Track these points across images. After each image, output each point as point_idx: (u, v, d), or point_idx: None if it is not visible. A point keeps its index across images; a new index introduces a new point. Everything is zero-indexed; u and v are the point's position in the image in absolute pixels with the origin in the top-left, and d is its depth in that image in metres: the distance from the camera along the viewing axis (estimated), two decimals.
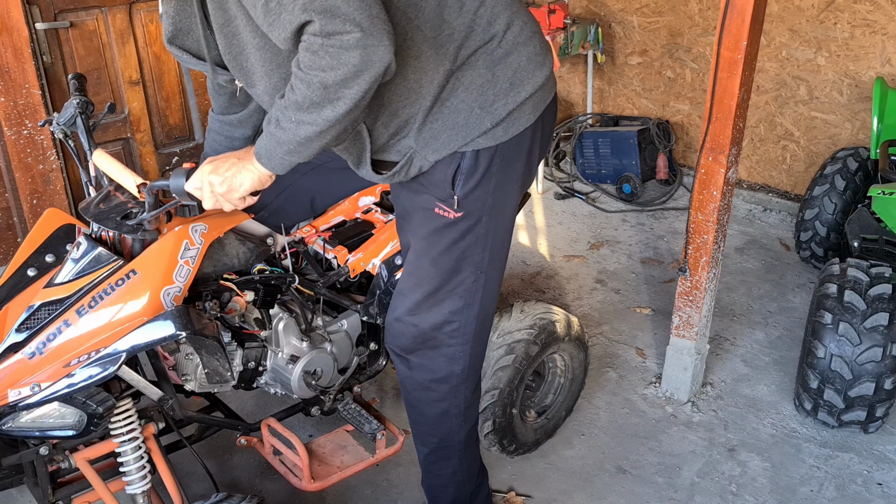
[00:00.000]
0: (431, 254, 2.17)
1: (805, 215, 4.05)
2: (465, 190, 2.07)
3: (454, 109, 1.98)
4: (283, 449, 2.60)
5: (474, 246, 2.16)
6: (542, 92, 2.10)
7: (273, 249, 2.53)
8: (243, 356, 2.43)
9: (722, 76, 2.74)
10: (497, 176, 2.08)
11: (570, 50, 4.86)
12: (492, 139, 2.03)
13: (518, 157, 2.11)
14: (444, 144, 2.01)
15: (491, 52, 1.97)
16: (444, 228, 2.13)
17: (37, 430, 2.02)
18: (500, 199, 2.13)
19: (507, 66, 2.00)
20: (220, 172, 1.91)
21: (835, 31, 4.37)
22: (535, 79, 2.05)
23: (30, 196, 3.71)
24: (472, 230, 2.13)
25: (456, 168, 2.05)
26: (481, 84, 1.97)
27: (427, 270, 2.19)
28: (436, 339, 2.23)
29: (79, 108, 2.33)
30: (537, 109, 2.09)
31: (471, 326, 2.24)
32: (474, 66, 1.96)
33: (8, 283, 2.19)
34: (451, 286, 2.18)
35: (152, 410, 2.32)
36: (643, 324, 3.79)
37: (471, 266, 2.18)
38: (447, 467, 2.46)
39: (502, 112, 2.01)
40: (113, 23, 3.79)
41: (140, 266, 2.08)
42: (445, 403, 2.33)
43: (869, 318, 2.89)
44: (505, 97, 2.00)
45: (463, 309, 2.21)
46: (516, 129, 2.05)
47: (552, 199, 5.02)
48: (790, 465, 2.99)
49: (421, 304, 2.21)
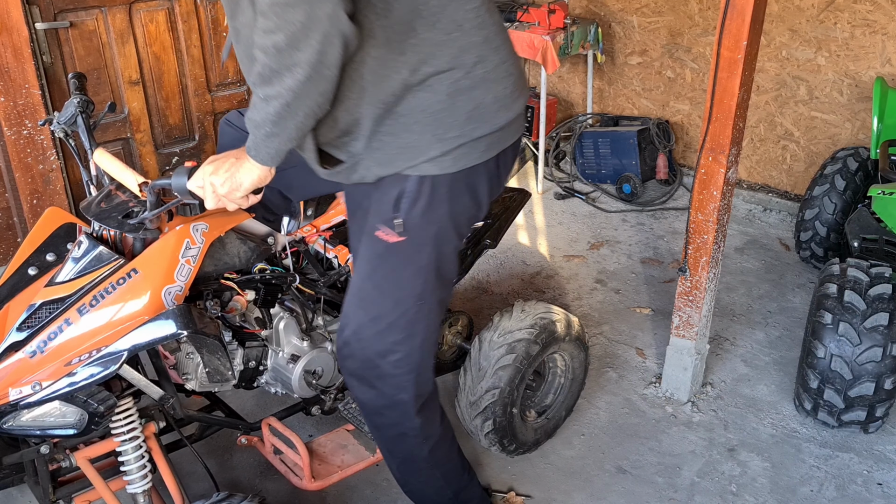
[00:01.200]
0: (375, 278, 2.15)
1: (805, 215, 4.05)
2: (409, 214, 2.04)
3: (407, 128, 1.94)
4: (283, 448, 2.60)
5: (416, 276, 2.12)
6: (502, 134, 2.06)
7: (274, 249, 2.53)
8: (244, 355, 2.44)
9: (722, 76, 2.74)
10: (442, 206, 2.05)
11: (570, 50, 4.86)
12: (438, 167, 1.99)
13: (464, 192, 2.07)
14: (391, 160, 1.99)
15: (455, 81, 1.92)
16: (385, 253, 2.11)
17: (38, 429, 2.02)
18: (444, 230, 2.10)
19: (470, 100, 1.95)
20: (221, 173, 1.91)
21: (835, 31, 4.37)
22: (497, 120, 2.02)
23: (30, 196, 3.71)
24: (414, 259, 2.10)
25: (400, 191, 2.03)
26: (439, 110, 1.93)
27: (370, 293, 2.16)
28: (380, 367, 2.19)
29: (79, 108, 2.33)
30: (493, 149, 2.05)
31: (415, 356, 2.20)
32: (435, 91, 1.91)
33: (9, 282, 2.19)
34: (392, 316, 2.15)
35: (153, 409, 2.32)
36: (643, 324, 3.79)
37: (412, 297, 2.14)
38: (420, 478, 2.44)
39: (453, 143, 1.97)
40: (113, 23, 3.79)
41: (141, 265, 2.08)
42: (399, 426, 2.30)
43: (869, 318, 2.89)
44: (460, 129, 1.96)
45: (405, 339, 2.17)
46: (466, 162, 2.01)
47: (552, 199, 5.02)
48: (790, 465, 2.99)
49: (364, 328, 2.17)
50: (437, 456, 2.40)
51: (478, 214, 2.20)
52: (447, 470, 2.45)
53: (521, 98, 2.10)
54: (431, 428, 2.35)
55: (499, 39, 2.00)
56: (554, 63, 4.67)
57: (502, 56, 2.01)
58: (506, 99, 2.03)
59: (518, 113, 2.09)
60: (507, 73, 2.02)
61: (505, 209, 2.99)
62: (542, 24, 4.78)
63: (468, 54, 1.92)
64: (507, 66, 2.02)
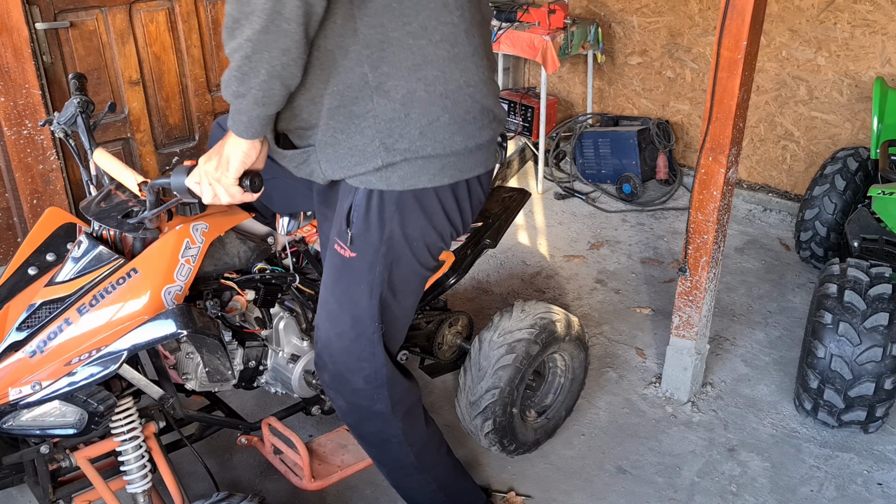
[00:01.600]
0: (335, 292, 2.14)
1: (805, 215, 4.05)
2: (357, 229, 2.03)
3: (359, 130, 1.91)
4: (283, 448, 2.60)
5: (369, 295, 2.09)
6: (459, 160, 2.00)
7: (274, 248, 2.53)
8: (244, 355, 2.44)
9: (722, 76, 2.74)
10: (391, 225, 2.01)
11: (570, 50, 4.86)
12: (384, 182, 1.96)
13: (416, 215, 2.02)
14: (339, 159, 1.96)
15: (412, 91, 1.88)
16: (342, 267, 2.10)
17: (37, 429, 2.02)
18: (397, 251, 2.06)
19: (424, 114, 1.90)
20: (212, 157, 1.90)
21: (835, 31, 4.37)
22: (452, 143, 1.95)
23: (30, 196, 3.71)
24: (366, 277, 2.08)
25: (350, 204, 2.02)
26: (392, 119, 1.89)
27: (333, 307, 2.15)
28: (351, 382, 2.19)
29: (79, 108, 2.33)
30: (447, 175, 1.99)
31: (381, 373, 2.19)
32: (391, 98, 1.88)
33: (9, 282, 2.19)
34: (353, 333, 2.14)
35: (153, 409, 2.32)
36: (643, 324, 3.79)
37: (368, 317, 2.12)
38: (412, 482, 2.43)
39: (400, 156, 1.92)
40: (113, 23, 3.79)
41: (141, 265, 2.08)
42: (382, 434, 2.29)
43: (869, 318, 2.89)
44: (409, 142, 1.91)
45: (368, 357, 2.16)
46: (415, 182, 1.96)
47: (552, 199, 5.02)
48: (790, 465, 2.99)
49: (332, 342, 2.17)
50: (425, 461, 2.39)
51: (439, 243, 2.14)
52: (438, 474, 2.45)
53: (487, 129, 2.02)
54: (415, 434, 2.34)
55: (470, 62, 1.94)
56: (554, 63, 4.67)
57: (469, 79, 1.94)
58: (465, 124, 1.96)
59: (480, 143, 2.01)
60: (471, 97, 1.96)
61: (505, 209, 2.99)
62: (542, 24, 4.78)
63: (430, 67, 1.88)
64: (473, 91, 1.96)
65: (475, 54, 1.96)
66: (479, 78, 1.97)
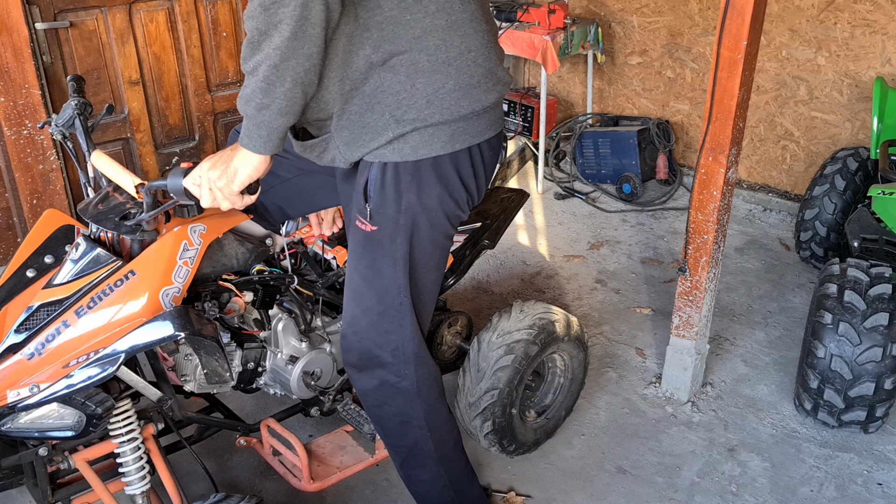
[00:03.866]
0: (360, 268, 2.17)
1: (805, 215, 4.04)
2: (375, 203, 2.06)
3: (370, 107, 1.96)
4: (282, 449, 2.60)
5: (392, 267, 2.13)
6: (468, 125, 2.04)
7: (272, 250, 2.53)
8: (242, 357, 2.43)
9: (722, 76, 2.74)
10: (407, 196, 2.05)
11: (570, 50, 4.86)
12: (397, 154, 2.00)
13: (432, 184, 2.06)
14: (355, 140, 2.00)
15: (415, 63, 1.93)
16: (364, 242, 2.13)
17: (36, 431, 2.01)
18: (415, 221, 2.09)
19: (429, 83, 1.95)
20: (218, 166, 1.92)
21: (835, 31, 4.37)
22: (459, 107, 2.00)
23: (30, 196, 3.71)
24: (387, 249, 2.11)
25: (366, 179, 2.05)
26: (398, 91, 1.94)
27: (358, 284, 2.18)
28: (378, 357, 2.22)
29: (77, 110, 2.33)
30: (458, 140, 2.04)
31: (409, 347, 2.21)
32: (396, 71, 1.93)
33: (7, 284, 2.19)
34: (381, 307, 2.17)
35: (151, 411, 2.32)
36: (643, 324, 3.79)
37: (394, 287, 2.15)
38: (424, 473, 2.44)
39: (410, 126, 1.97)
40: (113, 23, 3.78)
41: (139, 267, 2.08)
42: (403, 415, 2.31)
43: (869, 318, 2.89)
44: (418, 112, 1.96)
45: (396, 329, 2.19)
46: (427, 151, 2.01)
47: (552, 199, 5.02)
48: (790, 465, 2.99)
49: (358, 319, 2.20)
50: (442, 450, 2.41)
51: (457, 210, 2.17)
52: (451, 468, 2.46)
53: (492, 92, 2.07)
54: (436, 418, 2.36)
55: (468, 27, 1.99)
56: (554, 63, 4.67)
57: (469, 45, 2.00)
58: (471, 88, 2.01)
59: (486, 106, 2.06)
60: (473, 62, 2.01)
61: (503, 210, 2.99)
62: (542, 24, 4.78)
63: (430, 36, 1.93)
64: (475, 56, 2.01)
65: (472, 20, 2.00)
66: (479, 42, 2.02)
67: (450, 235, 2.22)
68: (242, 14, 4.11)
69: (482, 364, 2.71)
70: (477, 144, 2.09)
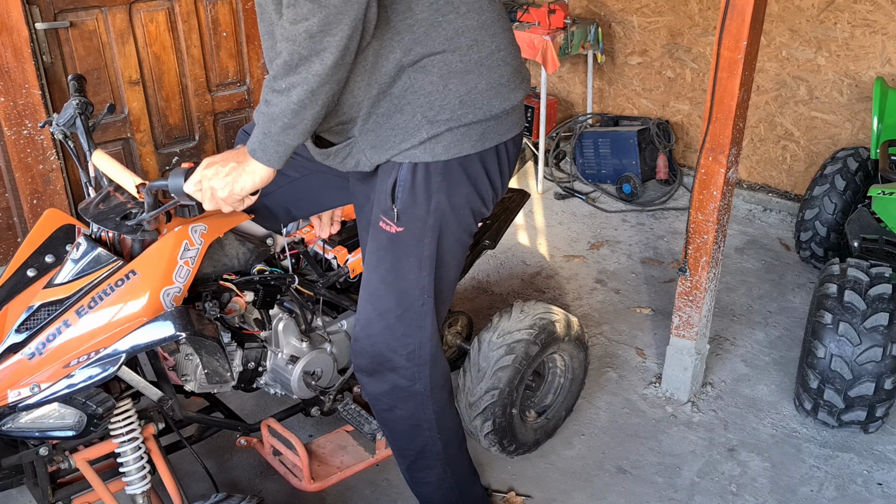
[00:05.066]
0: (380, 270, 2.15)
1: (805, 215, 4.05)
2: (403, 204, 2.05)
3: (399, 109, 1.95)
4: (282, 449, 2.60)
5: (418, 268, 2.12)
6: (498, 124, 2.05)
7: (273, 250, 2.53)
8: (243, 357, 2.43)
9: (722, 76, 2.74)
10: (437, 196, 2.05)
11: (570, 50, 4.86)
12: (429, 154, 1.99)
13: (462, 182, 2.06)
14: (383, 142, 2.00)
15: (448, 63, 1.93)
16: (388, 244, 2.11)
17: (36, 431, 2.01)
18: (444, 221, 2.09)
19: (462, 83, 1.96)
20: (221, 177, 1.91)
21: (835, 31, 4.37)
22: (490, 107, 2.01)
23: (30, 196, 3.71)
24: (414, 250, 2.10)
25: (395, 179, 2.04)
26: (430, 92, 1.94)
27: (377, 287, 2.17)
28: (392, 361, 2.21)
29: (78, 109, 2.33)
30: (488, 139, 2.04)
31: (426, 349, 2.21)
32: (428, 72, 1.93)
33: (8, 284, 2.19)
34: (400, 309, 2.16)
35: (152, 411, 2.32)
36: (643, 324, 3.79)
37: (417, 289, 2.14)
38: (431, 476, 2.43)
39: (443, 126, 1.97)
40: (113, 23, 3.79)
41: (140, 266, 2.08)
42: (414, 419, 2.30)
43: (869, 318, 2.89)
44: (451, 112, 1.96)
45: (414, 332, 2.18)
46: (458, 150, 2.01)
47: (552, 199, 5.02)
48: (790, 465, 2.99)
49: (374, 323, 2.19)
50: (449, 452, 2.41)
51: (482, 208, 2.18)
52: (457, 470, 2.46)
53: (519, 90, 2.09)
54: (445, 421, 2.36)
55: (497, 27, 2.01)
56: (554, 63, 4.67)
57: (499, 44, 2.01)
58: (501, 87, 2.02)
59: (515, 104, 2.08)
60: (503, 61, 2.02)
61: (504, 210, 2.99)
62: (542, 24, 4.78)
63: (463, 37, 1.94)
64: (504, 55, 2.02)
65: (500, 19, 2.03)
66: (507, 41, 2.04)
67: (473, 233, 2.23)
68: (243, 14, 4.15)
69: (482, 364, 2.71)
70: (504, 142, 2.11)
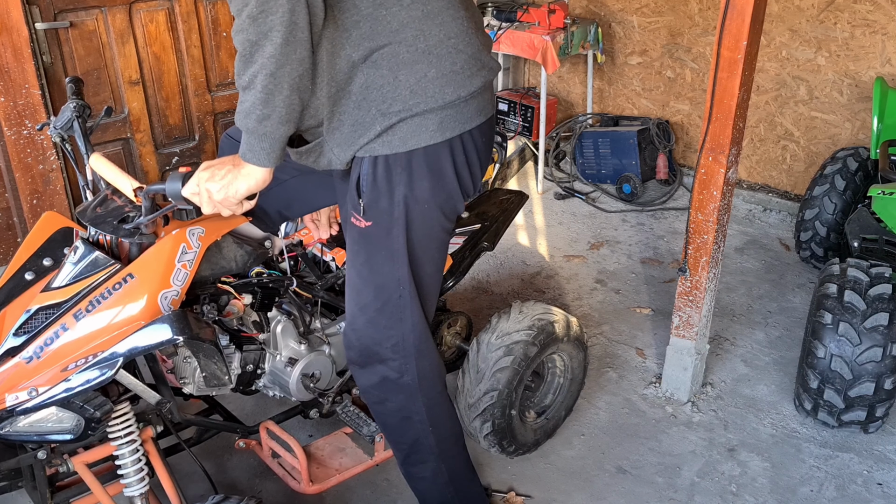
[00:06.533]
0: (356, 265, 2.17)
1: (805, 215, 4.04)
2: (368, 198, 2.06)
3: (357, 105, 1.97)
4: (281, 452, 2.60)
5: (390, 261, 2.13)
6: (456, 112, 2.04)
7: (271, 252, 2.52)
8: (241, 359, 2.43)
9: (722, 76, 2.74)
10: (400, 188, 2.05)
11: (570, 50, 4.85)
12: (387, 146, 2.00)
13: (424, 174, 2.05)
14: (346, 139, 2.01)
15: (396, 55, 1.94)
16: (360, 239, 2.13)
17: (35, 435, 2.02)
18: (409, 213, 2.09)
19: (411, 73, 1.96)
20: (217, 180, 1.92)
21: (835, 31, 4.36)
22: (444, 95, 2.00)
23: (30, 196, 3.71)
24: (384, 243, 2.11)
25: (358, 174, 2.05)
26: (382, 85, 1.95)
27: (355, 281, 2.20)
28: (378, 353, 2.22)
29: (75, 112, 2.33)
30: (447, 129, 2.03)
31: (409, 341, 2.22)
32: (379, 66, 1.94)
33: (5, 287, 2.19)
34: (378, 302, 2.17)
35: (150, 414, 2.32)
36: (643, 324, 3.79)
37: (392, 281, 2.15)
38: (426, 470, 2.44)
39: (396, 118, 1.97)
40: (113, 23, 3.78)
41: (137, 270, 2.08)
42: (405, 410, 2.31)
43: (869, 318, 2.89)
44: (402, 103, 1.96)
45: (395, 324, 2.19)
46: (416, 142, 2.01)
47: (552, 199, 5.02)
48: (790, 465, 2.99)
49: (357, 317, 2.21)
50: (443, 446, 2.41)
51: (451, 202, 2.15)
52: (452, 465, 2.46)
53: (477, 77, 2.06)
54: (437, 413, 2.36)
55: (445, 15, 1.99)
56: (554, 63, 4.66)
57: (448, 32, 2.00)
58: (454, 75, 2.01)
59: (472, 91, 2.05)
60: (454, 48, 2.01)
61: (502, 211, 2.99)
62: (542, 24, 4.78)
63: (408, 28, 1.94)
64: (455, 42, 2.01)
65: (450, 7, 2.01)
66: (458, 29, 2.02)
67: (446, 229, 2.22)
68: None
69: (482, 365, 2.71)
70: (468, 131, 2.09)
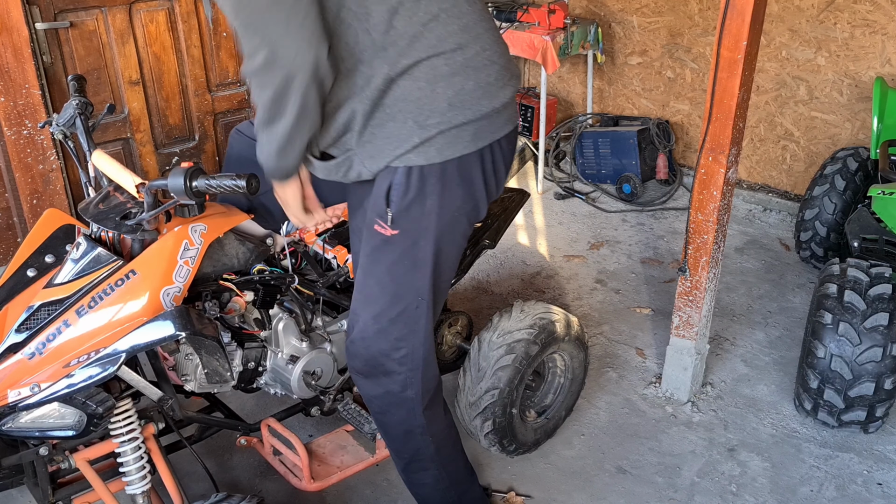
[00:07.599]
0: (376, 273, 2.16)
1: (805, 215, 4.05)
2: (398, 207, 2.06)
3: (391, 117, 1.98)
4: (282, 449, 2.60)
5: (413, 270, 2.14)
6: (489, 123, 2.06)
7: (273, 250, 2.53)
8: (243, 356, 2.43)
9: (722, 76, 2.74)
10: (432, 198, 2.06)
11: (570, 50, 4.86)
12: (423, 157, 2.01)
13: (457, 184, 2.07)
14: (379, 151, 2.02)
15: (434, 68, 1.95)
16: (383, 246, 2.13)
17: (37, 431, 2.01)
18: (439, 223, 2.10)
19: (450, 86, 1.97)
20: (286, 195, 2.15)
21: (835, 31, 4.37)
22: (480, 107, 2.02)
23: (30, 196, 3.71)
24: (410, 253, 2.12)
25: (390, 183, 2.05)
26: (419, 97, 1.96)
27: (373, 289, 2.18)
28: (385, 365, 2.22)
29: (78, 109, 2.34)
30: (480, 139, 2.06)
31: (419, 352, 2.22)
32: (415, 78, 1.95)
33: (8, 284, 2.19)
34: (393, 312, 2.17)
35: (152, 411, 2.32)
36: (643, 324, 3.79)
37: (412, 291, 2.16)
38: (426, 477, 2.44)
39: (434, 130, 1.98)
40: (113, 23, 3.79)
41: (139, 266, 2.08)
42: (406, 424, 2.31)
43: (869, 318, 2.89)
44: (441, 115, 1.98)
45: (408, 336, 2.19)
46: (452, 152, 2.02)
47: (552, 199, 5.02)
48: (790, 465, 2.99)
49: (368, 326, 2.20)
50: (443, 453, 2.41)
51: (476, 211, 2.18)
52: (452, 470, 2.47)
53: (508, 87, 2.10)
54: (436, 425, 2.37)
55: (480, 28, 2.02)
56: (554, 63, 4.67)
57: (483, 44, 2.02)
58: (489, 86, 2.04)
59: (504, 102, 2.08)
60: (489, 60, 2.03)
61: (503, 210, 2.99)
62: (542, 24, 4.78)
63: (446, 42, 1.96)
64: (490, 55, 2.04)
65: (482, 19, 2.05)
66: (491, 40, 2.06)
67: (467, 236, 2.24)
68: None
69: (482, 364, 2.71)
70: (497, 140, 2.11)
